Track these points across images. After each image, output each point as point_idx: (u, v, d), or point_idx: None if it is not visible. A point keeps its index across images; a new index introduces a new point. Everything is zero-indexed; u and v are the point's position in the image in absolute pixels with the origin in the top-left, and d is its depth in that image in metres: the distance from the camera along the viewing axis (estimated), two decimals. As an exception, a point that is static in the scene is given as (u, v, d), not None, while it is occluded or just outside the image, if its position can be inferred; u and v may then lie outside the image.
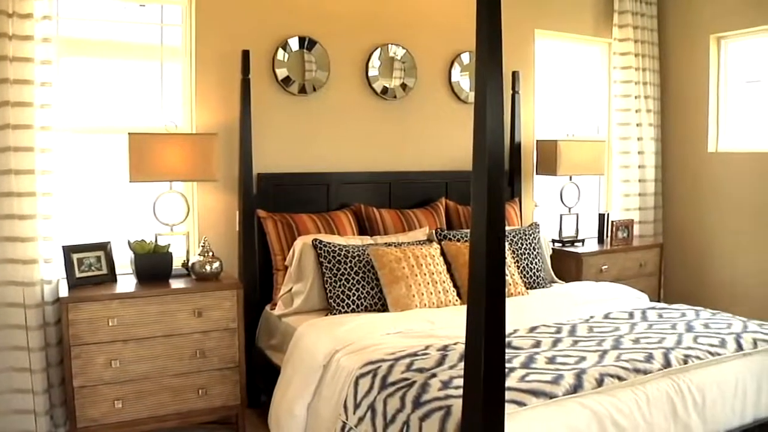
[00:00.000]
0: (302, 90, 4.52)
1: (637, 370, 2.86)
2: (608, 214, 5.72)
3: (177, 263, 3.98)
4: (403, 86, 4.90)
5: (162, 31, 4.30)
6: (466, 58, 5.13)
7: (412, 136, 4.98)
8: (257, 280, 4.29)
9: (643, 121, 5.94)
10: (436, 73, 5.08)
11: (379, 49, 4.78)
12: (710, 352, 3.13)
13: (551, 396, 2.57)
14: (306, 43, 4.50)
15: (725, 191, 5.71)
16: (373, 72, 4.77)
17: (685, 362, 3.01)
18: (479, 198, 2.02)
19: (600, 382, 2.72)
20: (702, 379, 2.98)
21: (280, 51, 4.43)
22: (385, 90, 4.82)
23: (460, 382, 2.25)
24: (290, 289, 4.08)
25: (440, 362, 2.91)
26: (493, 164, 2.00)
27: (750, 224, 5.56)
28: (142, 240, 3.87)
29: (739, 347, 3.24)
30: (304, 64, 4.51)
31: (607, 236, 5.58)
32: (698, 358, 3.07)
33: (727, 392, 3.04)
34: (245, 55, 4.21)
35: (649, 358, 2.98)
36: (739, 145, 5.72)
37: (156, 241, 3.96)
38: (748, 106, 5.71)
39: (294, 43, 4.47)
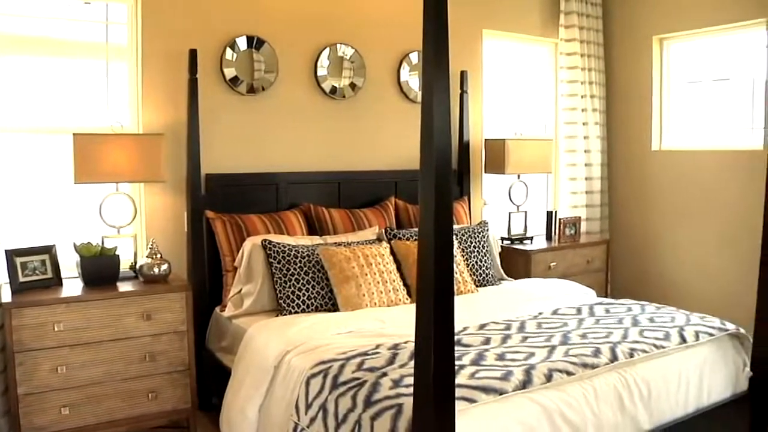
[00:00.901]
0: (251, 90, 4.49)
1: (585, 365, 2.91)
2: (556, 212, 5.80)
3: (124, 266, 3.92)
4: (352, 86, 4.90)
5: (107, 29, 4.22)
6: (414, 57, 5.16)
7: (362, 135, 4.99)
8: (207, 281, 4.25)
9: (590, 120, 6.04)
10: (385, 73, 5.09)
11: (327, 49, 4.77)
12: (655, 346, 3.21)
13: (501, 392, 2.59)
14: (254, 42, 4.47)
15: (668, 188, 5.84)
16: (321, 71, 4.75)
17: (632, 356, 3.08)
18: (427, 197, 2.03)
19: (549, 378, 2.76)
20: (648, 372, 3.06)
21: (228, 50, 4.39)
22: (334, 90, 4.81)
23: (410, 380, 2.26)
24: (240, 290, 4.06)
25: (391, 361, 2.92)
26: (440, 163, 2.01)
27: (692, 220, 5.70)
28: (89, 243, 3.80)
29: (683, 340, 3.33)
30: (252, 64, 4.48)
31: (554, 233, 5.66)
32: (644, 351, 3.13)
33: (672, 384, 3.14)
34: (192, 54, 4.16)
35: (597, 353, 3.03)
36: (682, 144, 5.86)
37: (103, 243, 3.89)
38: (690, 106, 5.85)
39: (242, 43, 4.44)
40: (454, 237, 4.58)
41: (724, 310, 4.79)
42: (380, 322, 3.60)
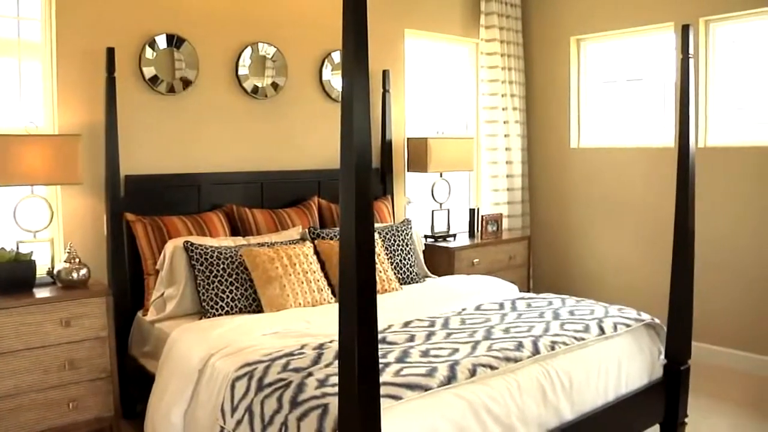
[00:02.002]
0: (171, 89, 4.41)
1: (508, 359, 2.97)
2: (478, 209, 5.89)
3: (41, 271, 3.80)
4: (274, 85, 4.86)
5: (19, 25, 4.08)
6: (337, 57, 5.16)
7: (284, 135, 4.96)
8: (128, 285, 4.16)
9: (510, 119, 6.15)
10: (307, 72, 5.08)
11: (249, 48, 4.73)
12: (575, 338, 3.30)
13: (426, 388, 2.62)
14: (174, 41, 4.40)
15: (586, 185, 6.01)
16: (243, 71, 4.71)
17: (553, 348, 3.15)
18: (347, 196, 2.03)
19: (473, 373, 2.80)
20: (569, 364, 3.15)
21: (148, 49, 4.30)
22: (255, 89, 4.77)
23: (336, 379, 2.26)
24: (162, 294, 3.99)
25: (316, 361, 2.92)
26: (361, 162, 2.02)
27: (609, 215, 5.87)
28: (2, 248, 3.67)
29: (602, 331, 3.43)
30: (173, 63, 4.40)
31: (477, 230, 5.74)
32: (564, 344, 3.22)
33: (592, 374, 3.24)
34: (110, 52, 4.06)
35: (519, 347, 3.09)
36: (599, 142, 6.03)
37: (18, 248, 3.76)
38: (606, 105, 6.02)
39: (162, 41, 4.36)
40: (378, 235, 4.61)
41: (641, 302, 4.96)
42: (305, 323, 3.59)
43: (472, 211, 5.83)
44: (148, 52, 4.31)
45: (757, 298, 5.01)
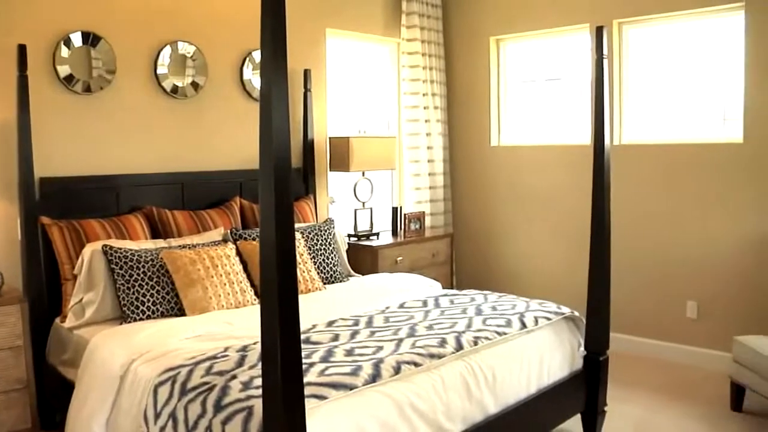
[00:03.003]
0: (87, 89, 4.29)
1: (431, 355, 3.01)
2: (401, 208, 5.93)
3: (-50, 279, 3.67)
4: (195, 85, 4.79)
5: None
6: (258, 56, 5.11)
7: (205, 135, 4.89)
8: (44, 292, 4.02)
9: (431, 118, 6.21)
10: (228, 72, 5.02)
11: (168, 47, 4.65)
12: (498, 333, 3.37)
13: (351, 387, 2.63)
14: (90, 38, 4.28)
15: (507, 182, 6.12)
16: (162, 70, 4.62)
17: (476, 344, 3.21)
18: (267, 196, 2.02)
19: (397, 370, 2.83)
20: (492, 358, 3.22)
21: (62, 47, 4.18)
22: (175, 89, 4.69)
23: (260, 381, 2.26)
24: (81, 300, 3.88)
25: (240, 363, 2.89)
26: (280, 162, 2.01)
27: (529, 212, 6.00)
28: None
29: (523, 325, 3.52)
30: (90, 61, 4.28)
31: (400, 229, 5.78)
32: (487, 338, 3.28)
33: (514, 368, 3.32)
34: (22, 49, 3.91)
35: (443, 343, 3.13)
36: (519, 140, 6.15)
37: (-76, 255, 3.62)
38: (526, 104, 6.14)
39: (77, 39, 4.24)
40: (300, 235, 4.60)
41: (561, 295, 5.11)
42: (228, 325, 3.56)
43: (394, 210, 5.87)
44: (63, 50, 4.19)
45: (667, 288, 5.22)
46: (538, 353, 3.50)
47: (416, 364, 2.91)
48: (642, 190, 5.31)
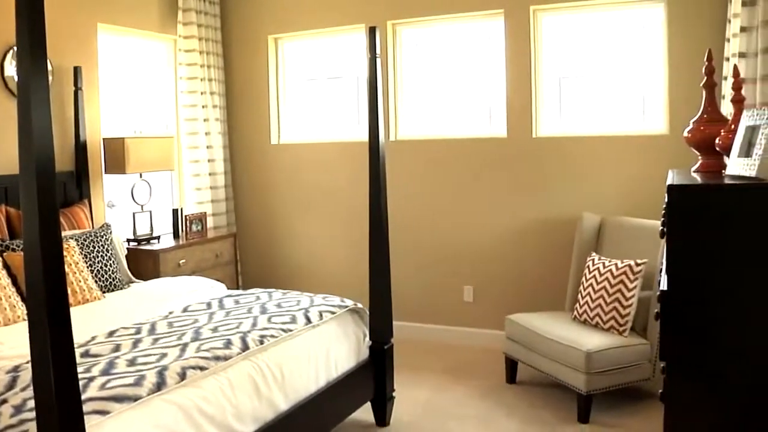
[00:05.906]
0: None
1: (217, 358, 2.98)
2: (182, 209, 5.78)
3: None
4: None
5: None
6: (18, 52, 4.75)
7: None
8: None
9: (210, 117, 6.11)
10: (-15, 69, 4.63)
11: None
12: (283, 330, 3.41)
13: (135, 398, 2.55)
14: None
15: (288, 180, 6.16)
16: None
17: (262, 342, 3.22)
18: (29, 203, 1.88)
19: (183, 376, 2.78)
20: (278, 356, 3.25)
21: None
22: None
23: (33, 404, 2.11)
24: None
25: (11, 386, 2.70)
26: (42, 166, 1.88)
27: (311, 209, 6.08)
28: None
29: (308, 321, 3.59)
30: None
31: (182, 231, 5.63)
32: (273, 336, 3.31)
33: (302, 363, 3.37)
34: None
35: (228, 344, 3.11)
36: (300, 138, 6.21)
37: None
38: (309, 102, 6.22)
39: None
40: (75, 242, 4.36)
41: (346, 289, 5.25)
42: (-3, 344, 3.30)
43: (175, 212, 5.71)
44: None
45: (445, 275, 5.53)
46: (324, 347, 3.57)
47: (202, 368, 2.87)
48: (419, 183, 5.57)
